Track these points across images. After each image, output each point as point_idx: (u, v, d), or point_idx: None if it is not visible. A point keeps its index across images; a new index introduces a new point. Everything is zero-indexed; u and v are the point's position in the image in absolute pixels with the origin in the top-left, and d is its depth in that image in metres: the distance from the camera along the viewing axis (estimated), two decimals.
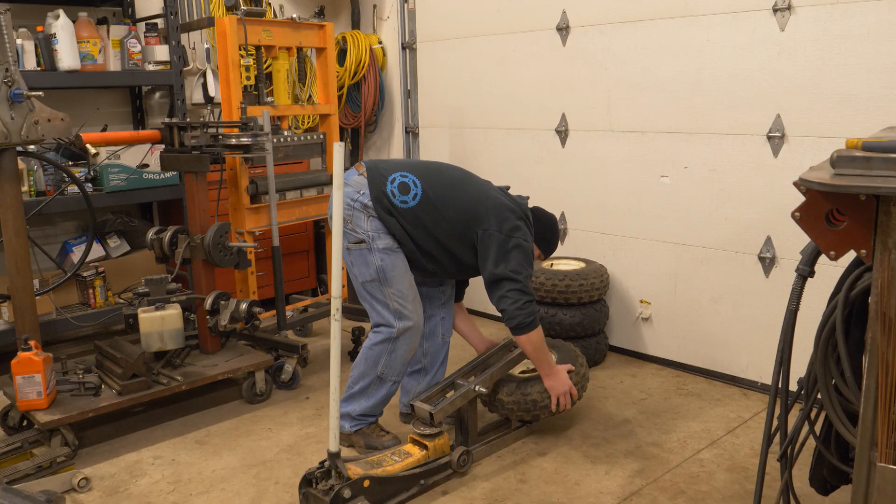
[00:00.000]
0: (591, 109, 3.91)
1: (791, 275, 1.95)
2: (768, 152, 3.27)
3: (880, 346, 1.53)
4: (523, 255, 2.75)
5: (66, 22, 3.64)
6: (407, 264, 2.84)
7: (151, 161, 4.01)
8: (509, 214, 2.79)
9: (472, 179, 2.94)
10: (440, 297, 3.11)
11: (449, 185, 2.84)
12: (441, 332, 3.13)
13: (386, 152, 5.27)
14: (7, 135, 2.77)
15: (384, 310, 2.81)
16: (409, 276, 2.85)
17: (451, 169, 3.01)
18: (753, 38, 3.24)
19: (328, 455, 2.38)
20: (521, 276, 2.72)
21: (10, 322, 3.60)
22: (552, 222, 3.04)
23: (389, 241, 2.78)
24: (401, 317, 2.80)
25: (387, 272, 2.78)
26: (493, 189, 2.91)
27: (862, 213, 1.52)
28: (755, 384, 3.47)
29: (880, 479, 1.57)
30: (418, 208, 2.77)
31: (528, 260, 2.77)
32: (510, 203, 2.85)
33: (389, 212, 2.77)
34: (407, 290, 2.82)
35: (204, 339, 3.47)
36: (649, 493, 2.62)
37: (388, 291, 2.80)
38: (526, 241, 2.78)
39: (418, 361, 3.14)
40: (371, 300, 2.84)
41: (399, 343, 2.81)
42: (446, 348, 3.16)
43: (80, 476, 2.68)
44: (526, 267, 2.75)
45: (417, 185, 2.79)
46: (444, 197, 2.79)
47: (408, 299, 2.81)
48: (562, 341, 3.19)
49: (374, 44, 5.07)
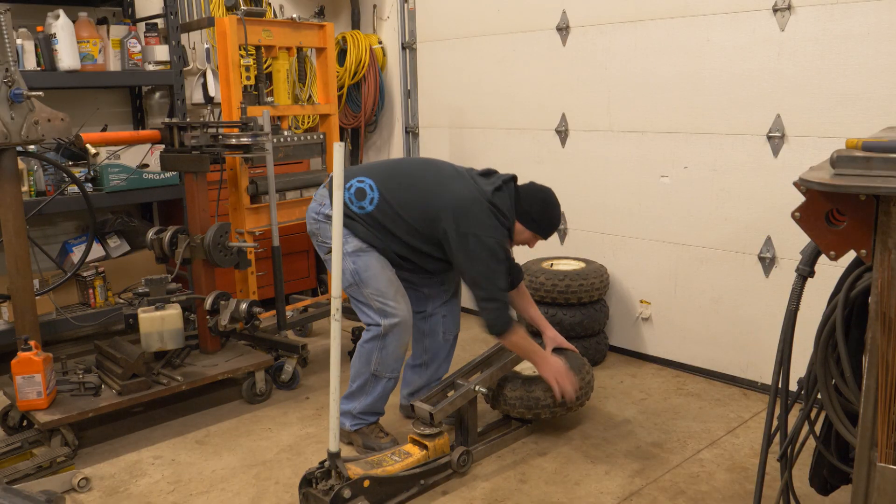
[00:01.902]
0: (591, 109, 3.91)
1: (791, 275, 1.95)
2: (768, 152, 3.27)
3: (880, 346, 1.53)
4: (486, 253, 2.67)
5: (66, 22, 3.64)
6: (383, 261, 2.84)
7: (151, 161, 4.00)
8: (469, 206, 2.70)
9: (430, 175, 2.84)
10: (442, 296, 3.10)
11: (406, 185, 2.82)
12: (442, 331, 3.11)
13: (386, 152, 5.27)
14: (7, 135, 2.77)
15: (368, 310, 2.83)
16: (387, 273, 2.83)
17: (411, 166, 2.98)
18: (753, 38, 3.24)
19: (328, 455, 2.38)
20: (485, 282, 2.68)
21: (10, 322, 3.60)
22: (543, 198, 2.83)
23: (357, 243, 2.79)
24: (384, 314, 2.79)
25: (360, 273, 2.79)
26: (456, 179, 2.80)
27: (862, 213, 1.52)
28: (755, 384, 3.47)
29: (880, 479, 1.57)
30: (377, 212, 2.78)
31: (492, 256, 2.68)
32: (472, 192, 2.73)
33: (351, 217, 2.78)
34: (385, 287, 2.80)
35: (204, 339, 3.47)
36: (649, 493, 2.62)
37: (366, 292, 2.80)
38: (487, 235, 2.68)
39: (419, 357, 3.14)
40: (355, 303, 2.87)
41: (388, 340, 2.81)
42: (448, 346, 3.15)
43: (80, 476, 2.68)
44: (491, 267, 2.67)
45: (374, 190, 2.79)
46: (400, 199, 2.78)
47: (388, 296, 2.80)
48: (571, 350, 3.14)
49: (374, 44, 5.07)
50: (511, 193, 2.81)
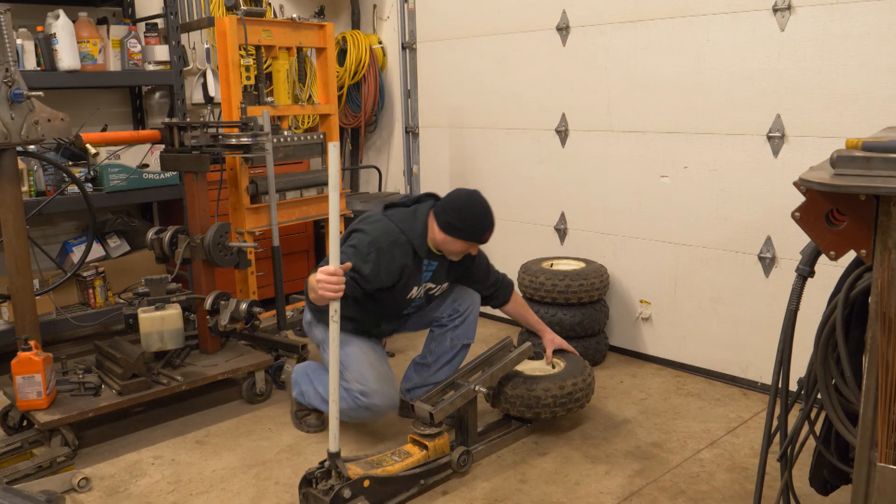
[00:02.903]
0: (591, 109, 3.91)
1: (791, 275, 1.95)
2: (768, 152, 3.27)
3: (880, 346, 1.53)
4: (348, 247, 2.72)
5: (66, 22, 3.64)
6: (361, 343, 2.88)
7: (151, 161, 4.00)
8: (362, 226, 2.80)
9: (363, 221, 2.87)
10: (454, 311, 3.11)
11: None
12: (450, 338, 3.11)
13: (386, 152, 5.28)
14: (7, 135, 2.77)
15: (347, 390, 2.79)
16: (369, 355, 2.86)
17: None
18: (753, 38, 3.24)
19: (328, 455, 2.38)
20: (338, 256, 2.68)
21: (10, 322, 3.60)
22: (459, 206, 2.77)
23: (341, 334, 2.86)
24: (364, 395, 2.79)
25: (341, 359, 2.79)
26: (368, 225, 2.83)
27: (862, 213, 1.52)
28: (755, 384, 3.47)
29: (880, 479, 1.57)
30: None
31: (350, 250, 2.70)
32: (375, 216, 2.83)
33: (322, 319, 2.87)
34: (366, 370, 2.81)
35: (204, 339, 3.47)
36: (649, 493, 2.62)
37: (347, 375, 2.81)
38: (353, 240, 2.74)
39: (424, 357, 3.15)
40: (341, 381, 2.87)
41: (358, 413, 2.83)
42: (454, 352, 3.12)
43: (80, 476, 2.68)
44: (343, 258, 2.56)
45: None
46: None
47: (368, 380, 2.79)
48: (571, 353, 3.17)
49: (374, 44, 5.07)
50: (421, 211, 2.83)
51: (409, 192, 5.05)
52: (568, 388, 2.93)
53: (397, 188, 5.22)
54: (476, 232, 2.79)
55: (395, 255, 2.75)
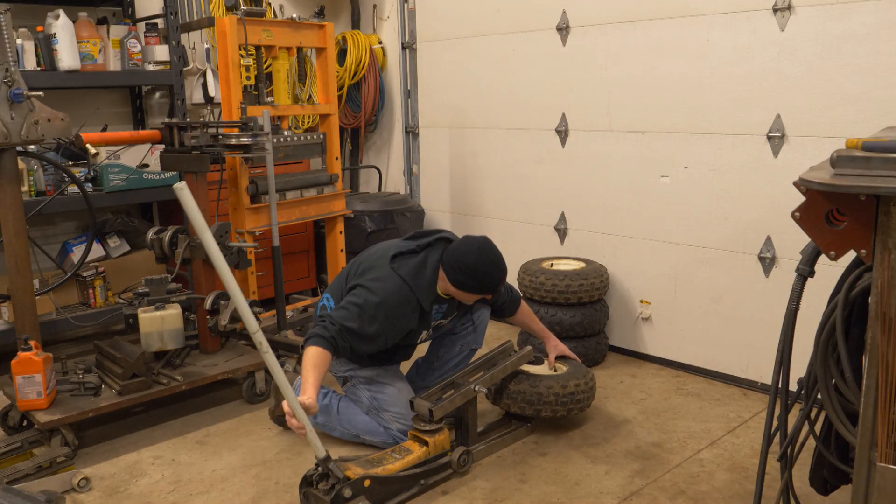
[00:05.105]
0: (591, 109, 3.91)
1: (791, 275, 1.95)
2: (768, 152, 3.27)
3: (880, 346, 1.53)
4: (353, 305, 2.67)
5: (66, 22, 3.64)
6: (396, 382, 2.92)
7: (151, 161, 4.00)
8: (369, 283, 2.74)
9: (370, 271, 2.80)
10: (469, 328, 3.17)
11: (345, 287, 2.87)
12: (460, 344, 3.15)
13: (386, 152, 5.28)
14: (7, 135, 2.77)
15: (387, 432, 2.88)
16: (404, 393, 2.90)
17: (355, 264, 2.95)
18: (753, 38, 3.24)
19: (319, 461, 2.36)
20: (328, 316, 2.67)
21: (10, 322, 3.60)
22: (470, 265, 2.73)
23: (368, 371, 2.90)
24: (404, 433, 2.84)
25: (379, 400, 2.89)
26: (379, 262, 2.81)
27: (862, 213, 1.52)
28: (755, 384, 3.47)
29: (880, 479, 1.57)
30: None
31: (355, 310, 2.65)
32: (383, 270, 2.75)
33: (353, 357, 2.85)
34: (405, 410, 2.86)
35: (204, 339, 3.47)
36: (649, 493, 2.62)
37: (386, 416, 2.88)
38: (359, 298, 2.67)
39: (430, 361, 3.19)
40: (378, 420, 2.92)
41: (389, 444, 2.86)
42: (463, 356, 3.16)
43: (80, 476, 2.68)
44: (346, 314, 2.64)
45: (330, 301, 2.89)
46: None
47: (406, 417, 2.85)
48: (573, 360, 3.19)
49: (374, 44, 5.07)
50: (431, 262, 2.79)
51: (409, 193, 5.06)
52: (570, 388, 2.94)
53: (397, 188, 5.22)
54: (488, 286, 2.81)
55: (402, 315, 2.74)
